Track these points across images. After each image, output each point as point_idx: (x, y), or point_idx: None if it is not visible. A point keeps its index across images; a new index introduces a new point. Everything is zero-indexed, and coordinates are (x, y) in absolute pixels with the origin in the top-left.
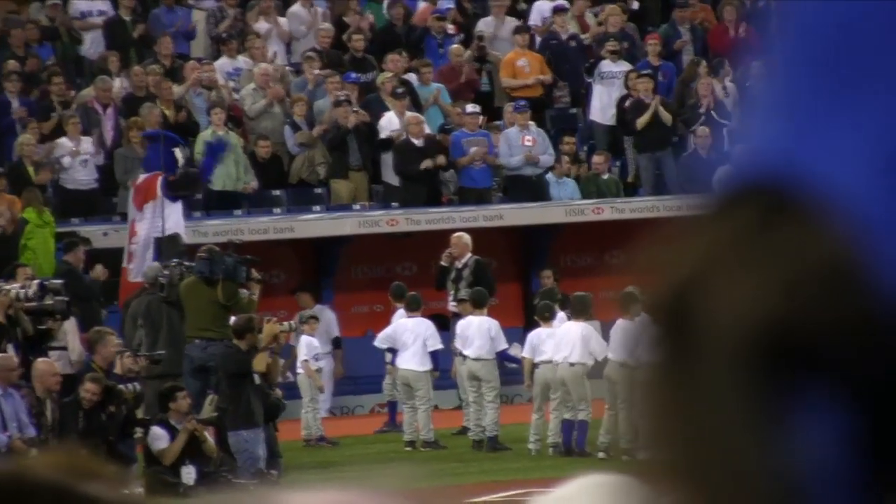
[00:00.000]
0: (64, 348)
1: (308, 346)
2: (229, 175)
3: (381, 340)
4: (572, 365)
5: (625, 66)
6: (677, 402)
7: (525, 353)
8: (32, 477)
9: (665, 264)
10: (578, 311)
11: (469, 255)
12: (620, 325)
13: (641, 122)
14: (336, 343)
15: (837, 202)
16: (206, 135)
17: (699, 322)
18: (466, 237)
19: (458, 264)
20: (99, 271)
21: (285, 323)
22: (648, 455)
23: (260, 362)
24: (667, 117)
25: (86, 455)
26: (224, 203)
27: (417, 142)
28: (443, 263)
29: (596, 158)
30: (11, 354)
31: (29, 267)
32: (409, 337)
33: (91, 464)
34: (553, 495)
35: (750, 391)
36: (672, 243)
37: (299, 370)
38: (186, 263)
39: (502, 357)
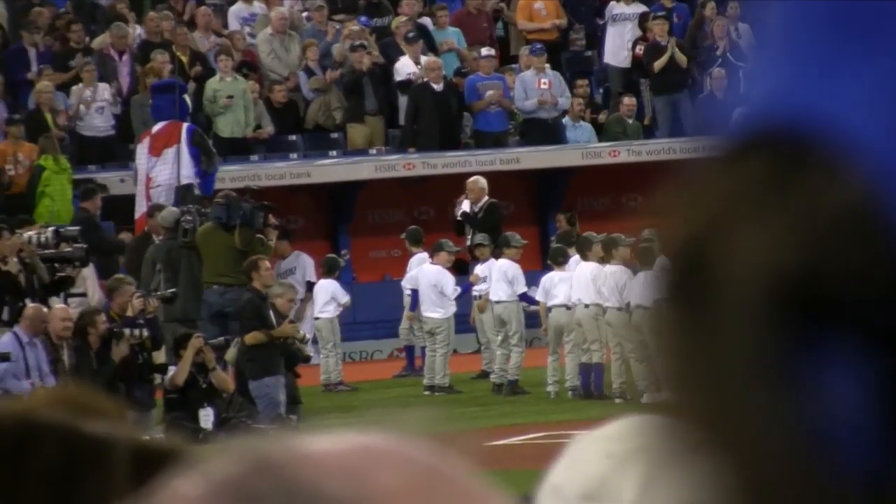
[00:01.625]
0: (83, 294)
1: (325, 291)
2: (238, 122)
3: (407, 281)
4: (587, 306)
5: (638, 9)
6: (694, 353)
7: (539, 296)
8: (38, 418)
9: (680, 211)
10: (585, 251)
11: (485, 198)
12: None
13: (658, 64)
14: (309, 287)
15: (855, 149)
16: (213, 82)
17: (716, 271)
18: (483, 181)
19: (476, 208)
20: (125, 237)
21: (302, 332)
22: (667, 403)
23: (254, 338)
24: (682, 59)
25: (87, 392)
26: (240, 149)
27: (436, 86)
28: (463, 209)
29: (626, 101)
30: (40, 305)
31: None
32: (425, 284)
33: (93, 400)
34: (595, 434)
35: (768, 342)
36: (686, 190)
37: (319, 314)
38: (203, 210)
39: (523, 299)
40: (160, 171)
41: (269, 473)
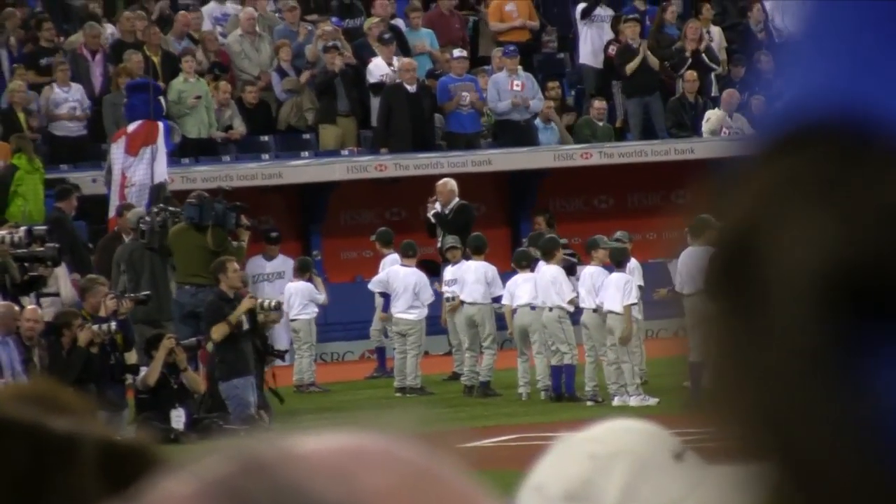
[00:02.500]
0: (56, 294)
1: (300, 294)
2: (202, 122)
3: (374, 284)
4: (551, 310)
5: (611, 11)
6: (742, 346)
7: (504, 300)
8: (4, 415)
9: (729, 202)
10: (547, 253)
11: (455, 200)
12: (688, 254)
13: (630, 67)
14: None
15: None
16: (178, 83)
17: (765, 264)
18: (452, 183)
19: (446, 210)
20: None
21: (263, 301)
22: (712, 401)
23: (217, 331)
24: (654, 62)
25: (54, 387)
26: (211, 150)
27: (410, 87)
28: (430, 217)
29: (597, 104)
30: (11, 304)
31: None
32: (401, 286)
33: (60, 396)
34: (579, 435)
35: (821, 334)
36: (736, 181)
37: (298, 316)
38: (171, 209)
39: (496, 300)
40: (136, 171)
41: (258, 474)
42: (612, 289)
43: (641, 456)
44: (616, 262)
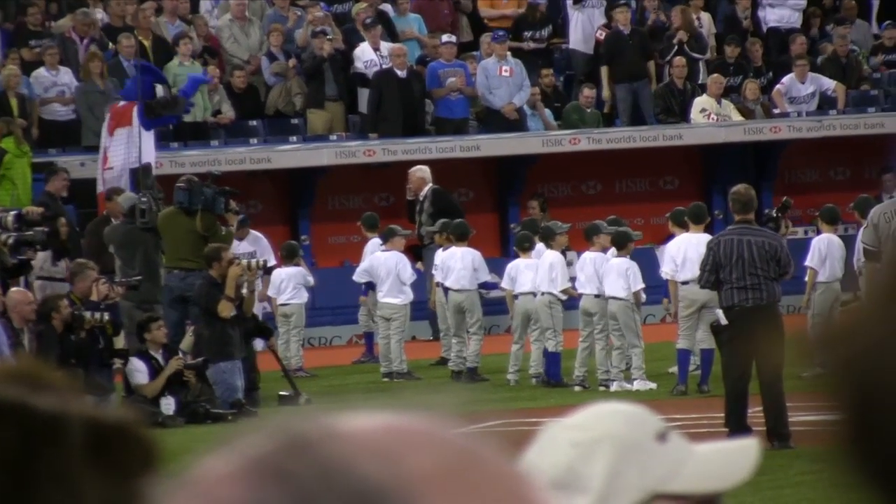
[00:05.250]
0: (48, 279)
1: (290, 279)
2: (197, 105)
3: (359, 275)
4: (542, 294)
5: None
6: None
7: (504, 284)
8: None
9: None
10: (548, 239)
11: (427, 186)
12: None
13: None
14: (267, 271)
15: None
16: (173, 66)
17: None
18: (423, 170)
19: (420, 196)
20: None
21: (251, 261)
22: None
23: (224, 308)
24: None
25: (37, 365)
26: (200, 134)
27: (400, 73)
28: (408, 198)
29: (586, 92)
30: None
31: None
32: (383, 271)
33: (43, 374)
34: (561, 423)
35: None
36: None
37: (289, 301)
38: (158, 194)
39: (483, 286)
40: (115, 153)
41: (302, 452)
42: (613, 274)
43: (624, 439)
44: (618, 247)
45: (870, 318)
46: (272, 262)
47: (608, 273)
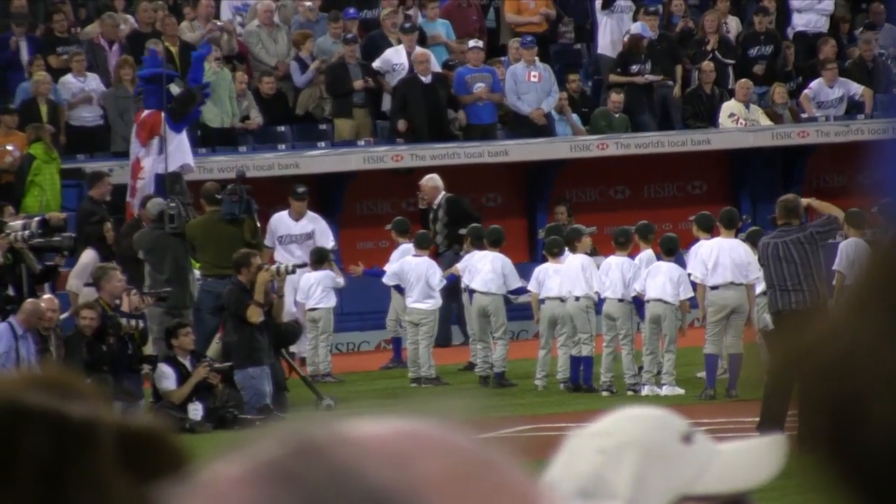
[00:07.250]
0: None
1: (318, 284)
2: (225, 111)
3: (389, 278)
4: (577, 299)
5: (631, 2)
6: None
7: (531, 287)
8: (25, 403)
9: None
10: (572, 242)
11: (441, 195)
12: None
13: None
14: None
15: None
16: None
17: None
18: (434, 179)
19: (434, 205)
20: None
21: (279, 266)
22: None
23: (253, 314)
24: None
25: (67, 374)
26: (228, 140)
27: (424, 78)
28: (421, 207)
29: (614, 97)
30: (38, 300)
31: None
32: (413, 276)
33: (73, 382)
34: (587, 430)
35: None
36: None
37: (317, 306)
38: (182, 200)
39: (514, 292)
40: (147, 163)
41: (312, 456)
42: (661, 277)
43: (648, 444)
44: (666, 251)
45: (843, 325)
46: (330, 244)
47: (654, 275)
